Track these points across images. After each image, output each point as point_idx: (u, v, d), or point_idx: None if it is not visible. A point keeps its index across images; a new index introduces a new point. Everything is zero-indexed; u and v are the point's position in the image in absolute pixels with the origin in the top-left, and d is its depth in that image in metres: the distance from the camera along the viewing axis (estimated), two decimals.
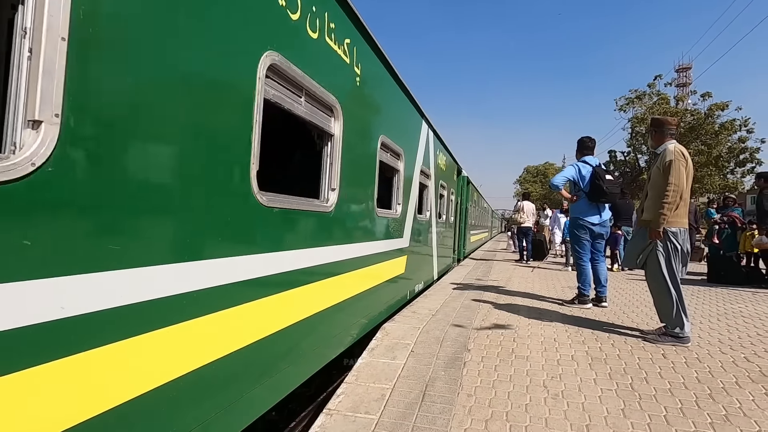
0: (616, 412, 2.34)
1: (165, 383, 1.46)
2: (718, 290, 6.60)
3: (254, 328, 1.98)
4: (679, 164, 3.46)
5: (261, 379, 2.05)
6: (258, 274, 2.01)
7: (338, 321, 3.04)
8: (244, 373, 1.92)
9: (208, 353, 1.67)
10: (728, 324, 4.30)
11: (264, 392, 2.08)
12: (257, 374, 2.03)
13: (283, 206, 2.22)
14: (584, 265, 4.96)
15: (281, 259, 2.22)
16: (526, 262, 10.67)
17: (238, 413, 1.86)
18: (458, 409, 2.36)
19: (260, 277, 2.02)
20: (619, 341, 3.61)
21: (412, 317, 4.37)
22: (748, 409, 2.38)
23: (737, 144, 27.95)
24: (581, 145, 5.13)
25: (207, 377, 1.66)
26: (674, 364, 3.07)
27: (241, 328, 1.87)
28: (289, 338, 2.33)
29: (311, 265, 2.59)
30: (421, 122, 5.46)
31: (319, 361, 2.74)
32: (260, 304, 2.03)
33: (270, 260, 2.11)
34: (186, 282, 1.53)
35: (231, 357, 1.79)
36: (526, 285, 6.85)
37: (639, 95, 32.06)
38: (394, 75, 3.99)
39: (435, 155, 6.49)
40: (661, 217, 3.46)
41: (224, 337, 1.76)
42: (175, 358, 1.51)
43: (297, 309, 2.42)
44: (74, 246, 1.15)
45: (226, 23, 1.70)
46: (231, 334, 1.81)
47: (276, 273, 2.18)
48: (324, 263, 2.77)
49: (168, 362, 1.48)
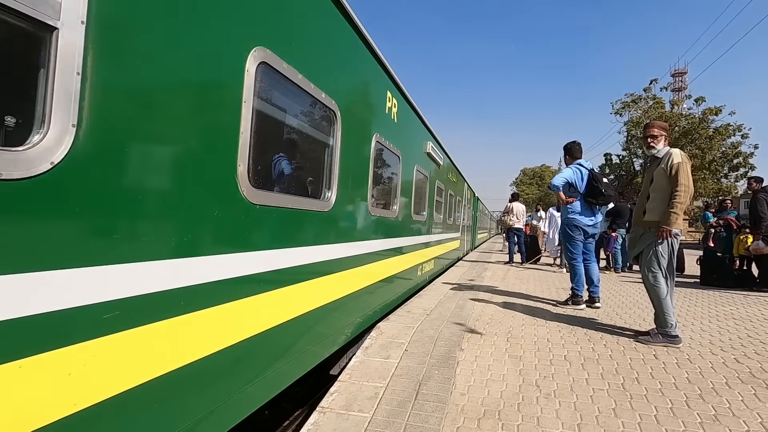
0: (608, 411, 2.35)
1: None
2: (710, 293, 6.65)
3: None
4: (686, 166, 3.54)
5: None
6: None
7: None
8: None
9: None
10: (719, 326, 4.34)
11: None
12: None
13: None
14: (577, 266, 4.99)
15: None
16: (522, 264, 10.66)
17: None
18: (451, 407, 2.37)
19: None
20: (611, 342, 3.64)
21: (407, 316, 4.37)
22: (737, 409, 2.41)
23: (731, 149, 28.23)
24: (572, 151, 5.17)
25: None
26: (665, 365, 3.10)
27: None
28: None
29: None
30: (464, 183, 10.20)
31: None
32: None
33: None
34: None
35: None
36: (520, 286, 6.88)
37: (635, 99, 32.30)
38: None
39: (466, 190, 12.03)
40: (672, 216, 3.51)
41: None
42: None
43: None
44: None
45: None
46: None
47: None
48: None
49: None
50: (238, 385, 1.93)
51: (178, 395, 1.57)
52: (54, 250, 1.13)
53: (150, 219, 1.43)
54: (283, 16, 2.13)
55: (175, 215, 1.54)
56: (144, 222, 1.41)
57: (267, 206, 2.08)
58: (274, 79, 2.11)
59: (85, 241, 1.21)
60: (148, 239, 1.41)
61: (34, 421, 1.10)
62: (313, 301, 2.67)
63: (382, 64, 3.70)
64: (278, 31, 2.08)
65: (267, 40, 1.96)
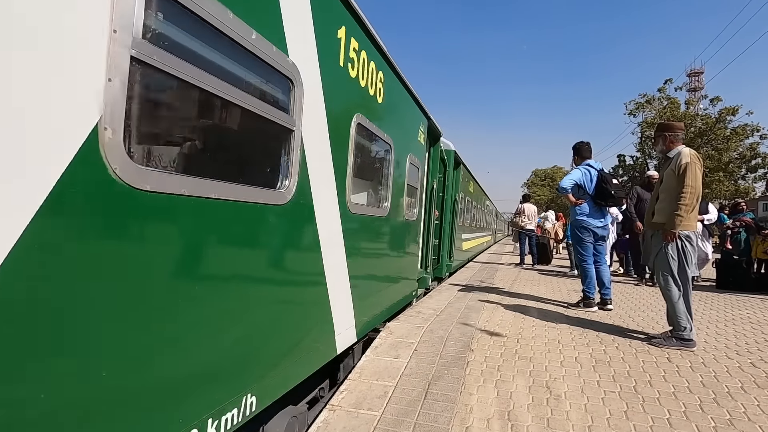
0: (619, 414, 2.33)
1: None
2: (726, 296, 6.52)
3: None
4: (695, 167, 3.46)
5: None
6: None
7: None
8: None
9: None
10: (735, 330, 4.26)
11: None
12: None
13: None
14: (588, 268, 4.94)
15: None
16: (532, 266, 10.56)
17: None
18: (460, 407, 2.37)
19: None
20: (623, 344, 3.59)
21: (417, 317, 4.38)
22: (753, 413, 2.36)
23: (748, 150, 27.62)
24: (581, 151, 5.13)
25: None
26: (679, 368, 3.05)
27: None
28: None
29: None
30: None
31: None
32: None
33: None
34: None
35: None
36: (531, 287, 6.83)
37: (649, 99, 31.84)
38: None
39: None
40: (677, 218, 3.45)
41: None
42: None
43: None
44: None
45: None
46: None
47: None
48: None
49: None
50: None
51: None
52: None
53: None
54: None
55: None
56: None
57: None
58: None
59: None
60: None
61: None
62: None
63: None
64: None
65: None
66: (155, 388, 1.38)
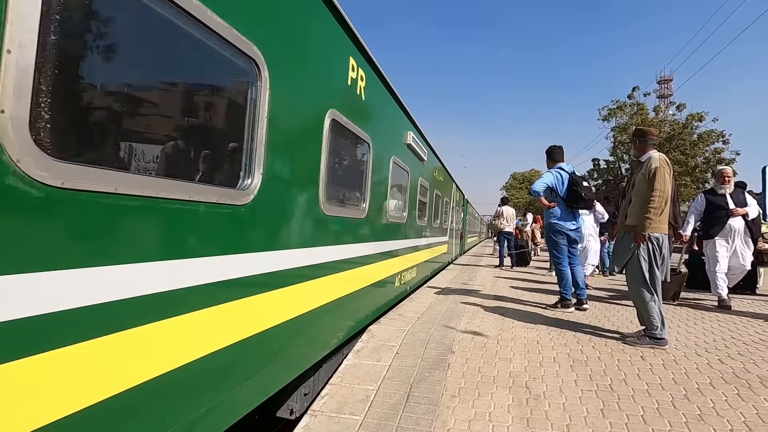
0: (596, 412, 2.39)
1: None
2: (695, 295, 6.78)
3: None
4: (664, 171, 3.58)
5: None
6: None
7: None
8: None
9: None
10: (704, 327, 4.43)
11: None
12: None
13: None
14: (564, 270, 5.05)
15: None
16: (511, 268, 10.73)
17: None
18: (442, 409, 2.38)
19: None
20: (599, 344, 3.69)
21: (398, 320, 4.38)
22: (721, 408, 2.46)
23: (713, 155, 28.84)
24: (553, 154, 5.24)
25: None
26: (652, 366, 3.15)
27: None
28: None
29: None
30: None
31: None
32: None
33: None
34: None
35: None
36: (510, 289, 6.93)
37: (620, 105, 32.86)
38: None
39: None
40: (646, 221, 3.56)
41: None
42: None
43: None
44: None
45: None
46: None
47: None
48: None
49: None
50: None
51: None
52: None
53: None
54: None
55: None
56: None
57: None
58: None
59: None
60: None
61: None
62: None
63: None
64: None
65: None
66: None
